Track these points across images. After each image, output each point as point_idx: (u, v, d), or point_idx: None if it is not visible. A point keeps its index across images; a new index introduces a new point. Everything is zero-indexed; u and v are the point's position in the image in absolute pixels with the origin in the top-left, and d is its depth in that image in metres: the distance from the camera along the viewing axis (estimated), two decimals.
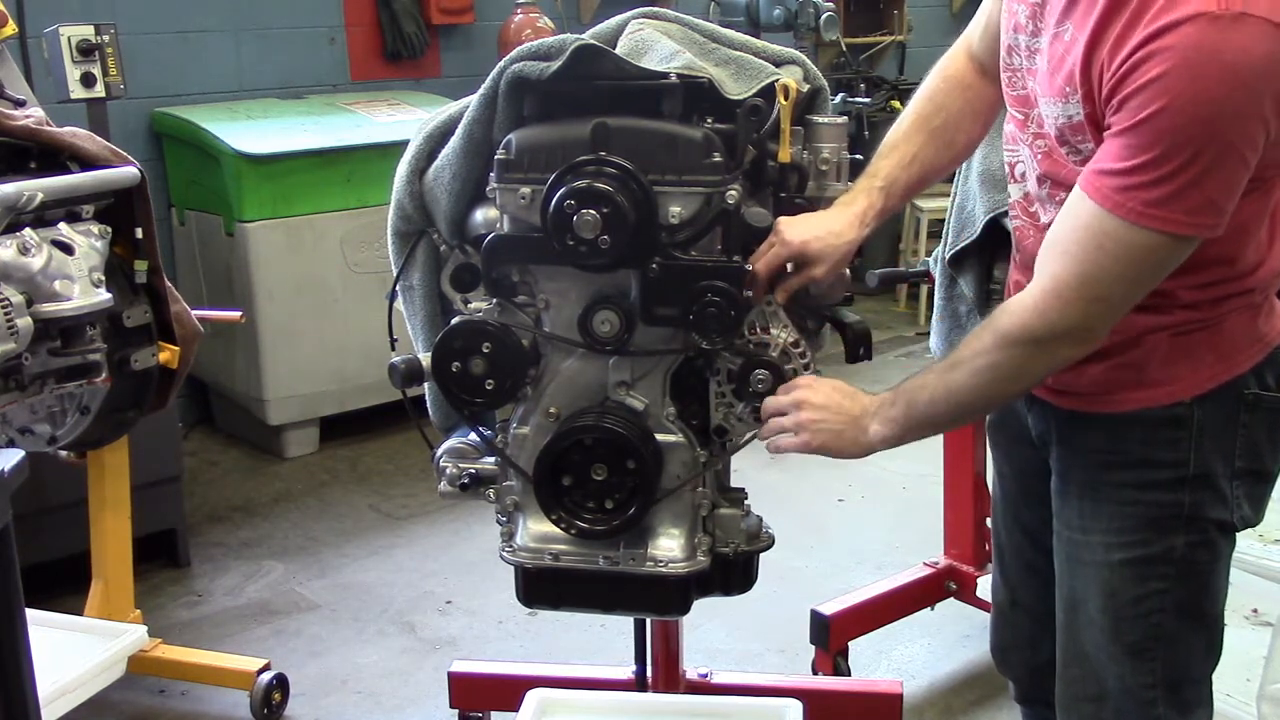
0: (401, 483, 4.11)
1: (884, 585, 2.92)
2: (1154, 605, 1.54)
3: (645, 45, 1.74)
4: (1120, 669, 1.57)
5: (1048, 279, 1.40)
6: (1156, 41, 1.25)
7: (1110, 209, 1.32)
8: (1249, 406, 1.51)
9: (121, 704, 2.83)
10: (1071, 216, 1.38)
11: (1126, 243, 1.33)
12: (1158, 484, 1.52)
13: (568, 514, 1.75)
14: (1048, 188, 1.50)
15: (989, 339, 1.45)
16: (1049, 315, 1.40)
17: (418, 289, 1.90)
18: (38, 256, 2.06)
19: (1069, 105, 1.38)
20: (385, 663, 3.01)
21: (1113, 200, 1.32)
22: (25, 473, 1.50)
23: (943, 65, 1.73)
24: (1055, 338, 1.41)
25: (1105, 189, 1.32)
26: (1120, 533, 1.54)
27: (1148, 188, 1.29)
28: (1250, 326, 1.50)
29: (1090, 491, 1.57)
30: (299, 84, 4.70)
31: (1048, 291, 1.40)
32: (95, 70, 3.32)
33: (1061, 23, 1.39)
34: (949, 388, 1.50)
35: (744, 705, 2.13)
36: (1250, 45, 1.23)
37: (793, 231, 1.67)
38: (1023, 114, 1.52)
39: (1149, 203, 1.30)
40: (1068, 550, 1.61)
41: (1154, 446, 1.52)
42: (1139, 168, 1.29)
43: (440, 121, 1.85)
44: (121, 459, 2.73)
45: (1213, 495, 1.52)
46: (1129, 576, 1.54)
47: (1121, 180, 1.31)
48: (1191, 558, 1.53)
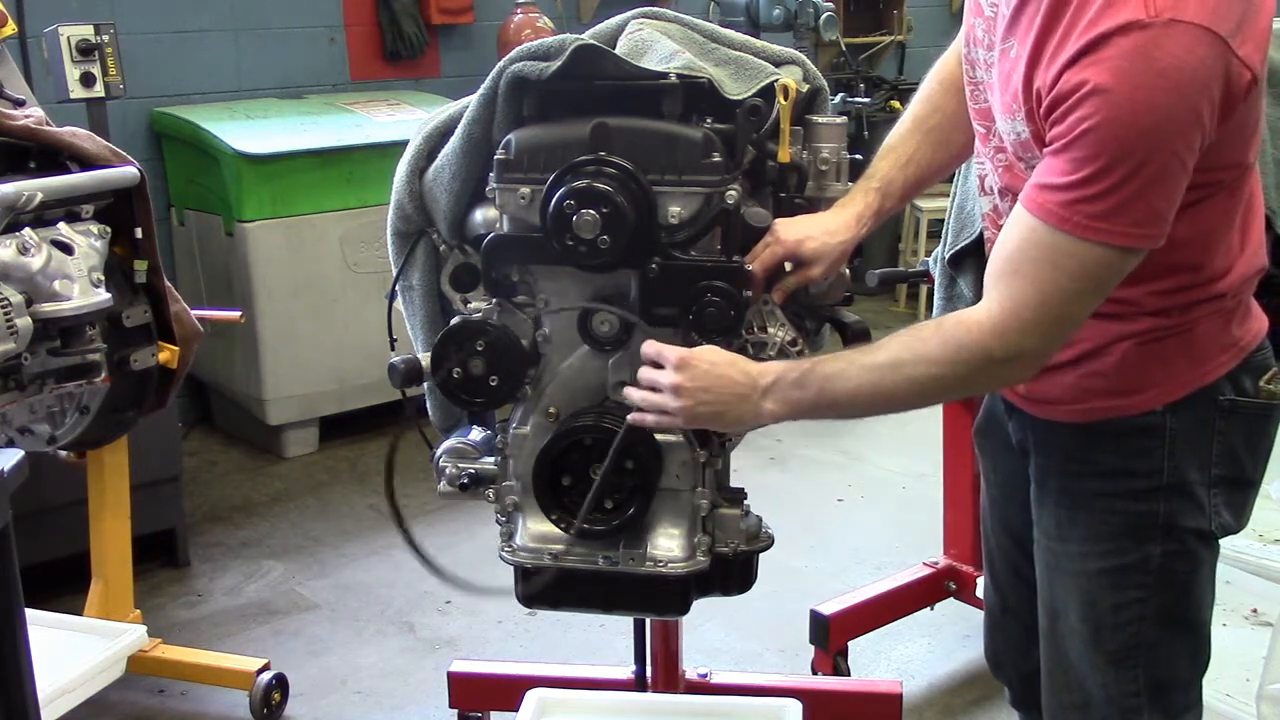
0: (401, 483, 4.10)
1: (884, 585, 2.92)
2: (1133, 614, 1.53)
3: (645, 45, 1.74)
4: (1103, 677, 1.56)
5: (1006, 301, 1.37)
6: (1090, 55, 1.24)
7: (1055, 224, 1.30)
8: (1225, 413, 1.50)
9: (121, 704, 2.83)
10: (1018, 234, 1.35)
11: (1079, 258, 1.31)
12: (1132, 493, 1.51)
13: (567, 514, 1.75)
14: (1009, 200, 1.48)
15: (937, 349, 1.41)
16: (1009, 338, 1.37)
17: (417, 289, 1.90)
18: (37, 256, 2.06)
19: (1016, 122, 1.38)
20: (385, 662, 3.01)
21: (1058, 216, 1.30)
22: (25, 473, 1.50)
23: (937, 68, 1.73)
24: (1011, 360, 1.38)
25: (1049, 205, 1.30)
26: (1097, 541, 1.53)
27: (1091, 201, 1.28)
28: (1223, 332, 1.48)
29: (1067, 500, 1.56)
30: (298, 84, 4.70)
31: (1008, 314, 1.36)
32: (95, 70, 3.32)
33: (1007, 39, 1.39)
34: (879, 385, 1.45)
35: (743, 705, 2.13)
36: (1183, 51, 1.22)
37: (788, 231, 1.67)
38: (985, 127, 1.51)
39: (1094, 216, 1.28)
40: (1046, 559, 1.60)
41: (1127, 455, 1.51)
42: (1081, 182, 1.27)
43: (440, 121, 1.85)
44: (121, 459, 2.73)
45: (1189, 504, 1.51)
46: (1107, 585, 1.53)
47: (1064, 195, 1.29)
48: (1169, 566, 1.52)
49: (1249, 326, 1.51)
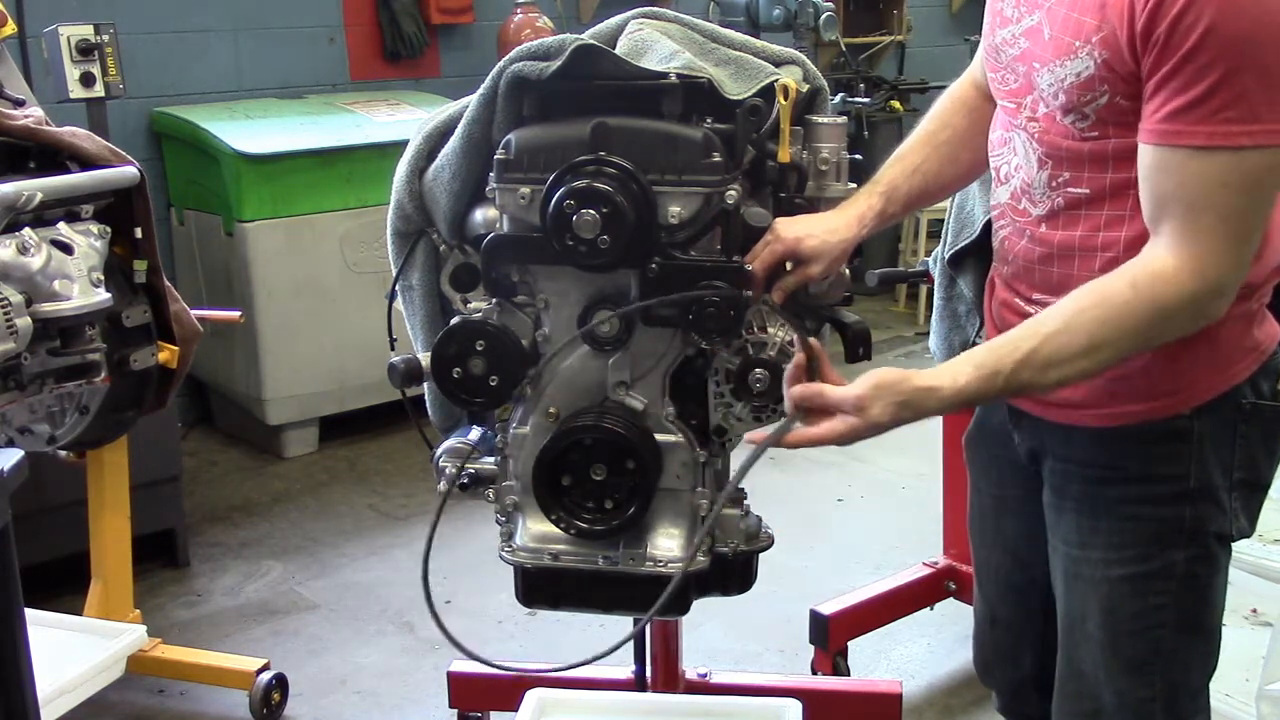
0: (401, 483, 4.11)
1: (883, 585, 2.92)
2: (1154, 620, 1.52)
3: (645, 45, 1.74)
4: (1119, 684, 1.55)
5: (1191, 239, 1.30)
6: None
7: (1204, 144, 1.26)
8: (1246, 417, 1.49)
9: (120, 704, 2.83)
10: (1165, 174, 1.31)
11: (1243, 170, 1.27)
12: (1158, 498, 1.50)
13: (567, 514, 1.75)
14: (1049, 169, 1.46)
15: (1144, 316, 1.33)
16: (1208, 274, 1.31)
17: (417, 289, 1.90)
18: (37, 256, 2.06)
19: (1077, 60, 1.35)
20: (384, 662, 3.01)
21: (1203, 135, 1.25)
22: (25, 472, 1.50)
23: (950, 89, 1.74)
24: (1215, 294, 1.33)
25: (1189, 129, 1.26)
26: (1120, 548, 1.52)
27: (1231, 106, 1.24)
28: (1245, 335, 1.48)
29: (1088, 507, 1.55)
30: (298, 84, 4.70)
31: (1200, 251, 1.30)
32: (95, 70, 3.32)
33: None
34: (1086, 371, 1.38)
35: (743, 705, 2.13)
36: None
37: (788, 229, 1.67)
38: (1014, 104, 1.50)
39: (1240, 120, 1.24)
40: (1065, 566, 1.59)
41: (1154, 460, 1.50)
42: (1210, 91, 1.23)
43: (440, 121, 1.85)
44: (121, 459, 2.73)
45: (1214, 508, 1.50)
46: (1128, 592, 1.52)
47: (1201, 110, 1.25)
48: (1192, 572, 1.51)
49: (1266, 330, 1.51)
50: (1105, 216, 1.43)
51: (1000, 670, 1.84)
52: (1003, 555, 1.77)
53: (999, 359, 1.39)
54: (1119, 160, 1.39)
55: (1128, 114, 1.35)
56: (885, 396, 1.42)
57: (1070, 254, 1.47)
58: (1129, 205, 1.40)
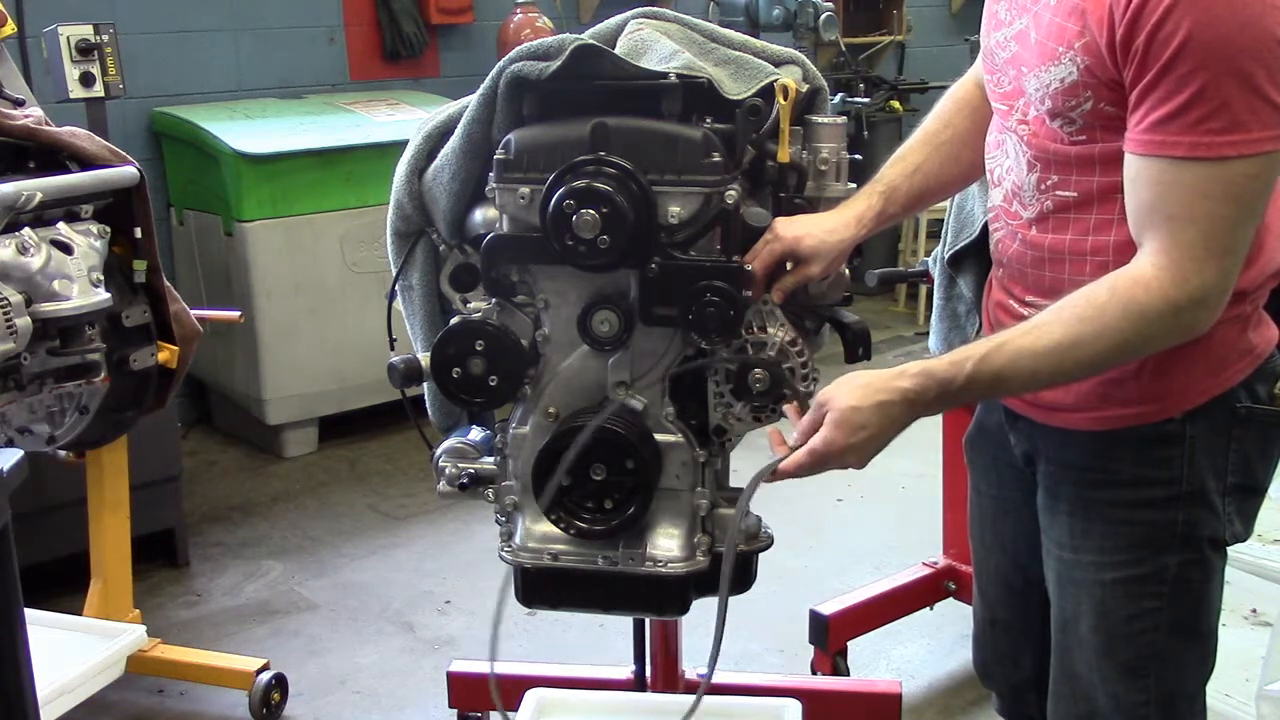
0: (400, 483, 4.11)
1: (883, 585, 2.93)
2: (1148, 624, 1.52)
3: (644, 45, 1.74)
4: (1113, 688, 1.54)
5: (1172, 248, 1.30)
6: None
7: (1185, 156, 1.25)
8: (1241, 421, 1.49)
9: (120, 704, 2.83)
10: (1148, 184, 1.31)
11: (1224, 181, 1.26)
12: (1150, 502, 1.50)
13: (566, 514, 1.75)
14: (1038, 172, 1.46)
15: (1119, 318, 1.33)
16: (1189, 283, 1.30)
17: (417, 289, 1.90)
18: (36, 256, 2.06)
19: (1060, 66, 1.35)
20: (384, 662, 3.01)
21: (1184, 146, 1.25)
22: (24, 472, 1.50)
23: (952, 90, 1.74)
24: (1197, 304, 1.32)
25: (1170, 140, 1.26)
26: (1113, 551, 1.52)
27: (1211, 118, 1.23)
28: (1240, 338, 1.47)
29: (1081, 510, 1.54)
30: (298, 84, 4.71)
31: (1180, 259, 1.30)
32: (94, 70, 3.32)
33: None
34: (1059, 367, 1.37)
35: (743, 705, 2.13)
36: None
37: (787, 228, 1.67)
38: (1007, 106, 1.50)
39: (1220, 131, 1.23)
40: (1058, 569, 1.59)
41: (1146, 464, 1.49)
42: (1193, 101, 1.23)
43: (439, 121, 1.85)
44: (120, 459, 2.73)
45: (1206, 512, 1.49)
46: (1121, 595, 1.52)
47: (1180, 122, 1.24)
48: (1185, 576, 1.50)
49: (1262, 333, 1.50)
50: (1094, 220, 1.43)
51: (1000, 671, 1.83)
52: (1002, 557, 1.77)
53: (973, 346, 1.41)
54: (1106, 164, 1.39)
55: (1114, 119, 1.35)
56: (845, 383, 1.46)
57: (1061, 257, 1.47)
58: (1117, 209, 1.39)
